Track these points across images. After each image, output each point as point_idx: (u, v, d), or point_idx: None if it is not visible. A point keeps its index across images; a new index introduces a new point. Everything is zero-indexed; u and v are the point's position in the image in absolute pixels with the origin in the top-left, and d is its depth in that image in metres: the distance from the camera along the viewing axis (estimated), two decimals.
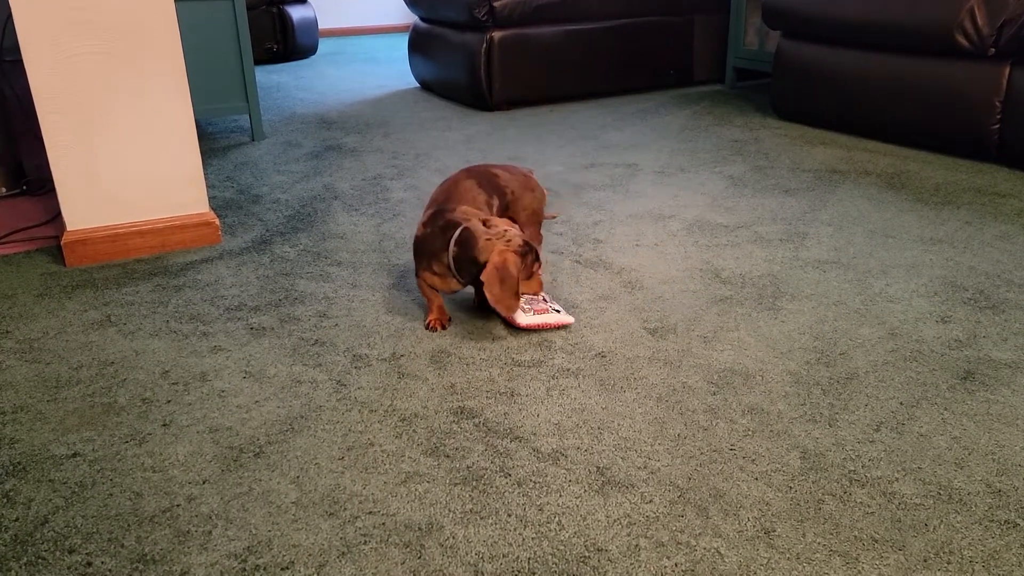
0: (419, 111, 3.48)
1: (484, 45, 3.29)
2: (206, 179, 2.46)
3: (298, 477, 1.08)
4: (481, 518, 1.00)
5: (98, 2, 1.66)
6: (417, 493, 1.05)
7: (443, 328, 1.49)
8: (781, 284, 1.68)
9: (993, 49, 2.35)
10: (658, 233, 1.99)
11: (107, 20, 1.68)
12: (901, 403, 1.24)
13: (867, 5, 2.64)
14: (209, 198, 2.26)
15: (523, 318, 1.46)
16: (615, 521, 0.99)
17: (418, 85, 3.99)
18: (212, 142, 2.94)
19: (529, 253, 1.38)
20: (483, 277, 1.35)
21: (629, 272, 1.76)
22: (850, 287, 1.66)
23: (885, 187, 2.29)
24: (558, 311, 1.49)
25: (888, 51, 2.64)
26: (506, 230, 1.38)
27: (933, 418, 1.20)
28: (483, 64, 3.31)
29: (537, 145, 2.84)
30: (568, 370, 1.35)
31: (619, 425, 1.20)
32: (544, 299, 1.53)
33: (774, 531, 0.97)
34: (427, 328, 1.48)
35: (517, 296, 1.36)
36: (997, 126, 2.39)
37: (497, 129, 3.09)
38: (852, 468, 1.09)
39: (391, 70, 4.63)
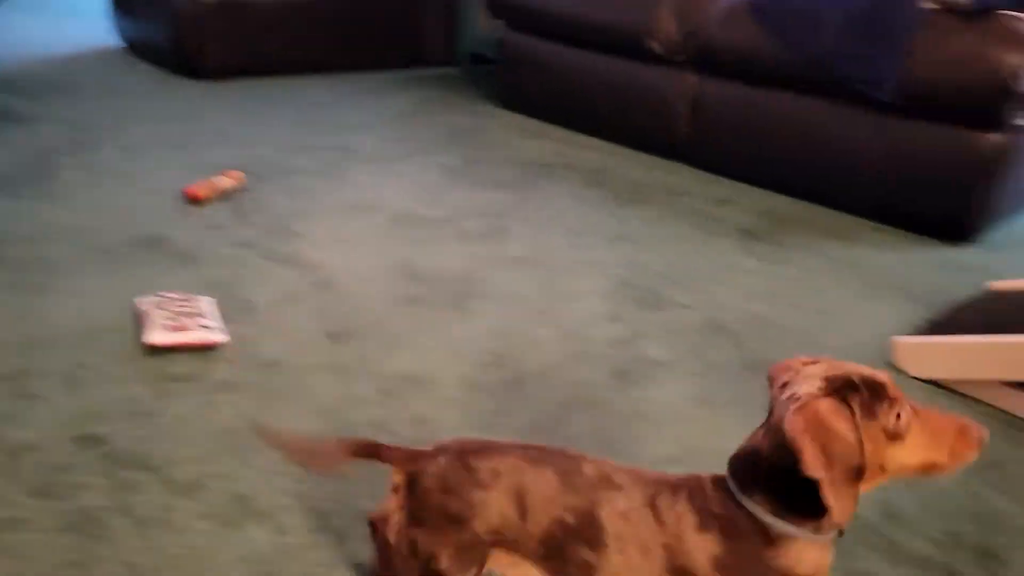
0: (118, 76, 3.12)
1: (193, 5, 3.01)
2: None
3: None
4: (80, 571, 0.89)
5: None
6: (11, 545, 0.91)
7: None
8: (474, 283, 1.70)
9: (681, 56, 2.55)
10: (361, 226, 1.94)
11: None
12: (559, 404, 1.30)
13: (578, 4, 2.75)
14: None
15: (154, 335, 1.30)
16: (241, 559, 0.93)
17: (125, 45, 3.59)
18: None
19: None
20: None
21: (322, 269, 1.69)
22: (537, 286, 1.72)
23: (587, 183, 2.41)
24: (207, 327, 1.35)
25: (597, 50, 2.78)
26: None
27: (584, 418, 1.27)
28: (192, 27, 3.03)
29: (248, 123, 2.66)
30: (229, 384, 1.26)
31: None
32: (197, 312, 1.38)
33: None
34: None
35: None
36: (685, 128, 2.60)
37: (206, 101, 2.85)
38: None
39: (95, 25, 4.12)
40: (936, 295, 1.78)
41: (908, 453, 0.70)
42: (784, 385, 0.73)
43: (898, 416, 0.69)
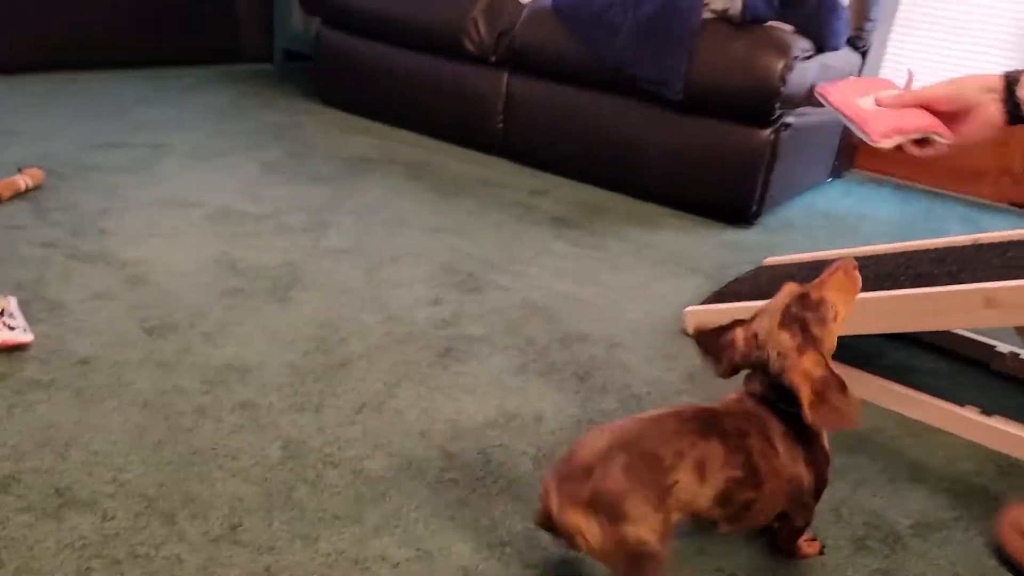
0: None
1: None
2: None
3: None
4: None
5: None
6: None
7: None
8: (297, 274, 1.73)
9: (494, 56, 2.68)
10: (177, 222, 1.91)
11: None
12: (385, 383, 1.36)
13: (393, 3, 2.81)
14: None
15: None
16: (66, 546, 0.93)
17: None
18: None
19: None
20: None
21: (135, 266, 1.65)
22: (361, 275, 1.77)
23: (408, 176, 2.48)
24: (12, 328, 1.30)
25: (415, 48, 2.86)
26: None
27: (410, 394, 1.34)
28: None
29: (44, 118, 2.50)
30: (40, 382, 1.22)
31: (91, 439, 1.12)
32: (1, 311, 1.34)
33: (241, 526, 1.00)
34: None
35: None
36: (500, 124, 2.74)
37: None
38: (329, 451, 1.17)
39: None
40: (721, 271, 2.01)
41: (840, 323, 0.96)
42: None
43: (832, 310, 0.95)
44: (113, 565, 0.91)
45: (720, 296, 1.77)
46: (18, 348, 1.29)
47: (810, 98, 2.38)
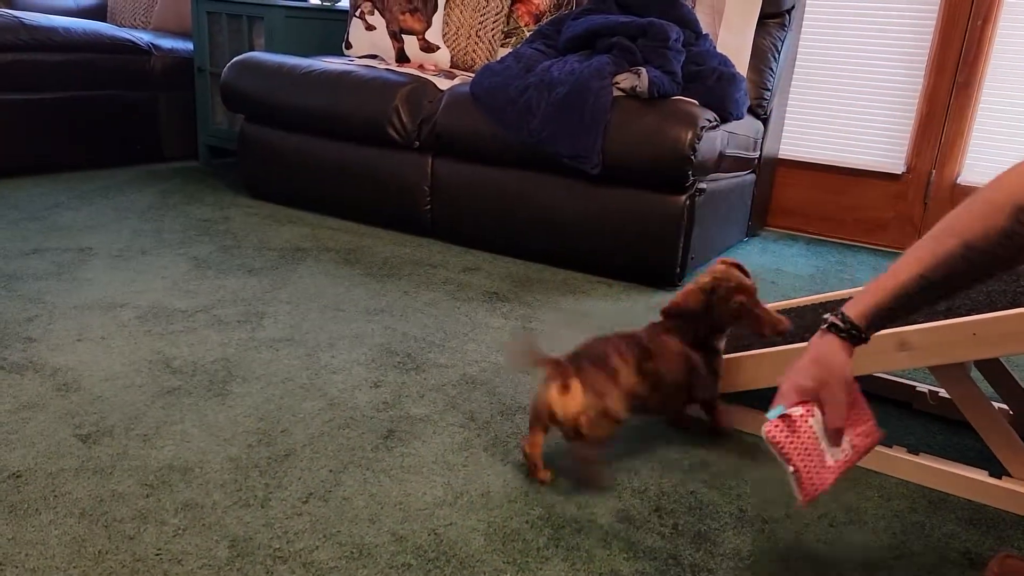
0: None
1: None
2: None
3: None
4: None
5: None
6: None
7: None
8: (233, 368, 1.72)
9: (417, 142, 2.76)
10: (106, 325, 1.88)
11: None
12: (331, 471, 1.36)
13: (316, 97, 2.88)
14: None
15: None
16: None
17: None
18: None
19: None
20: None
21: (65, 372, 1.62)
22: (299, 363, 1.77)
23: (341, 263, 2.51)
24: None
25: (340, 139, 2.92)
26: None
27: (356, 480, 1.34)
28: None
29: None
30: None
31: (27, 555, 1.08)
32: None
33: None
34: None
35: None
36: (428, 207, 2.80)
37: None
38: (278, 546, 1.15)
39: None
40: None
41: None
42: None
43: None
44: None
45: None
46: None
47: (719, 165, 2.54)
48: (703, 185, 2.45)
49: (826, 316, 1.09)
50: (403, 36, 3.22)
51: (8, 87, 3.06)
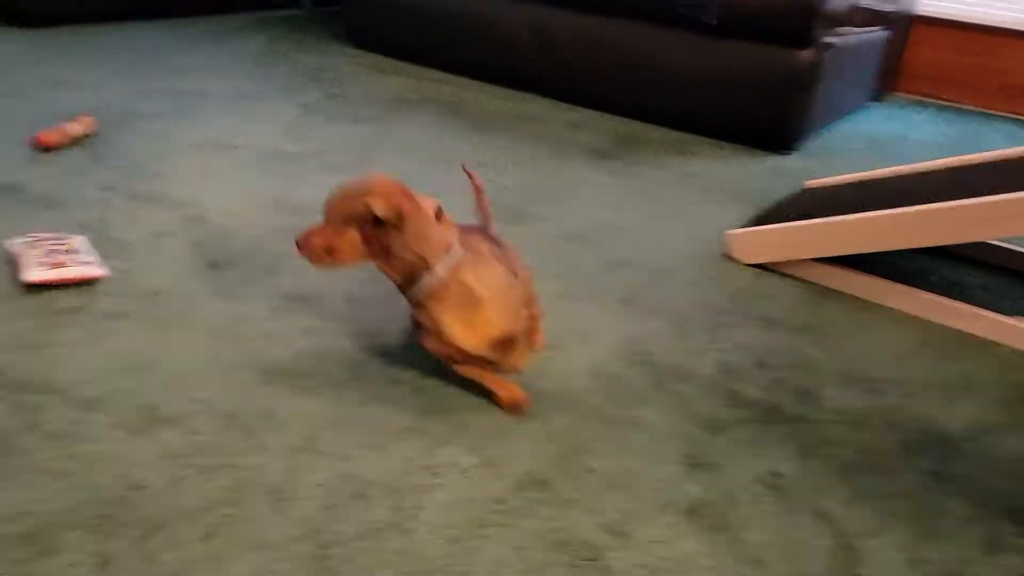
0: None
1: None
2: None
3: None
4: (3, 481, 0.93)
5: None
6: None
7: None
8: None
9: None
10: (226, 164, 1.95)
11: None
12: None
13: None
14: None
15: (33, 273, 1.30)
16: (159, 457, 0.99)
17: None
18: None
19: None
20: None
21: (191, 206, 1.70)
22: None
23: (444, 115, 2.50)
24: (88, 262, 1.36)
25: None
26: None
27: None
28: None
29: (89, 69, 2.54)
30: (115, 313, 1.28)
31: (171, 362, 1.18)
32: (71, 249, 1.38)
33: (318, 439, 1.06)
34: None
35: None
36: (534, 60, 2.73)
37: (37, 50, 2.69)
38: (391, 371, 1.22)
39: None
40: (762, 195, 2.01)
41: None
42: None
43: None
44: (203, 473, 0.97)
45: (762, 219, 1.78)
46: (91, 282, 1.35)
47: (850, 18, 2.34)
48: (830, 39, 2.29)
49: None
50: None
51: None
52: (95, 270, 1.35)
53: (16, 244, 1.37)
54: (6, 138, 1.93)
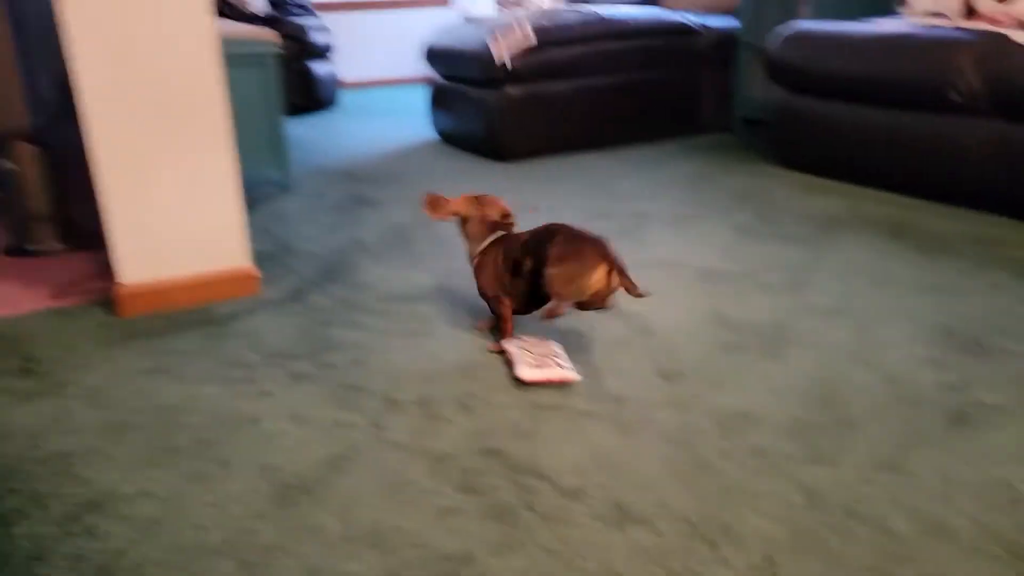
0: (438, 162, 3.64)
1: (500, 100, 3.46)
2: None
3: (344, 512, 1.19)
4: (511, 550, 1.11)
5: (156, 69, 1.82)
6: (452, 527, 1.16)
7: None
8: (784, 331, 1.79)
9: (985, 103, 2.48)
10: (668, 281, 2.11)
11: (163, 86, 1.83)
12: (897, 445, 1.34)
13: (865, 63, 2.78)
14: None
15: (526, 372, 1.55)
16: (634, 553, 1.09)
17: (438, 137, 4.16)
18: (246, 195, 3.09)
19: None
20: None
21: (641, 319, 1.87)
22: (850, 334, 1.77)
23: (885, 235, 2.40)
24: (563, 367, 1.57)
25: (887, 105, 2.78)
26: None
27: (927, 458, 1.30)
28: (499, 118, 3.47)
29: (551, 196, 2.98)
30: (587, 413, 1.46)
31: (635, 464, 1.30)
32: (553, 354, 1.61)
33: (778, 562, 1.07)
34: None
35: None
36: (989, 176, 2.50)
37: (512, 180, 3.24)
38: (851, 505, 1.19)
39: (409, 122, 4.81)
40: None
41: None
42: None
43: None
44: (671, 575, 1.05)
45: None
46: (568, 384, 1.56)
47: None
48: None
49: None
50: None
51: (587, 73, 3.59)
52: (571, 374, 1.56)
53: (511, 345, 1.65)
54: None
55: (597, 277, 1.53)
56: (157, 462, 1.33)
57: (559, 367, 1.57)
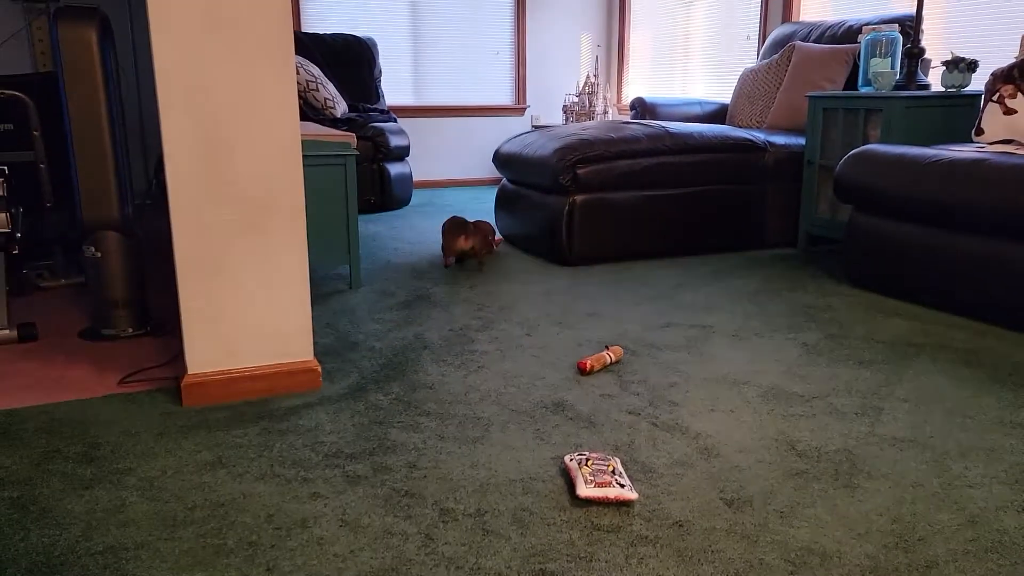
0: (503, 264, 3.68)
1: (566, 207, 3.51)
2: None
3: None
4: None
5: (241, 167, 1.91)
6: None
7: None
8: (857, 461, 1.71)
9: None
10: (733, 399, 2.06)
11: (246, 184, 1.92)
12: None
13: (938, 186, 2.75)
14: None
15: (584, 489, 1.51)
16: None
17: (502, 238, 4.23)
18: (314, 289, 3.16)
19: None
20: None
21: (705, 438, 1.82)
22: (928, 468, 1.68)
23: (960, 363, 2.31)
24: (623, 485, 1.52)
25: (959, 230, 2.72)
26: None
27: None
28: (564, 224, 3.52)
29: (613, 302, 2.97)
30: (646, 538, 1.40)
31: None
32: (613, 470, 1.58)
33: None
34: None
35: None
36: None
37: (575, 285, 3.25)
38: None
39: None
40: None
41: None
42: None
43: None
44: None
45: None
46: (626, 504, 1.50)
47: None
48: None
49: None
50: None
51: (653, 185, 3.64)
52: (630, 493, 1.51)
53: (571, 460, 1.61)
54: (558, 362, 2.32)
55: (459, 244, 3.36)
56: (205, 562, 1.32)
57: (619, 485, 1.52)
